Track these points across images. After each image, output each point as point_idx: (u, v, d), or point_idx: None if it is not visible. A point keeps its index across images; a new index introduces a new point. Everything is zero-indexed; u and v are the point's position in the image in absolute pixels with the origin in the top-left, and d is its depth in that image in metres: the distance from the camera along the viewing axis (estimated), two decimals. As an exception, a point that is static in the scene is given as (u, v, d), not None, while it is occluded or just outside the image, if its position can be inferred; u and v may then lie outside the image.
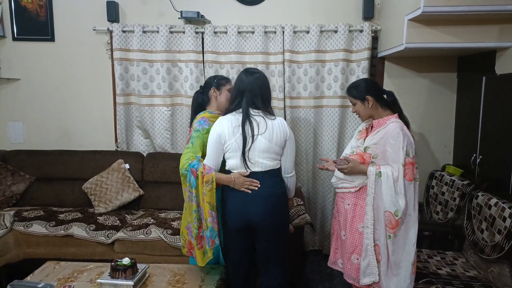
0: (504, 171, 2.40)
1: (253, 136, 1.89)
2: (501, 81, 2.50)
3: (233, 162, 1.96)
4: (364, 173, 1.99)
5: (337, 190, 2.18)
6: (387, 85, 3.15)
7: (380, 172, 1.93)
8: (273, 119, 1.96)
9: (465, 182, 2.61)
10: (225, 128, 1.93)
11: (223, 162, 2.04)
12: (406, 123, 2.03)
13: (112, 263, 1.87)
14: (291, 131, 2.01)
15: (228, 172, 2.01)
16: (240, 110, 1.94)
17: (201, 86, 2.39)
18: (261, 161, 1.93)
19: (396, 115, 2.04)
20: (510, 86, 2.35)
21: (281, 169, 2.04)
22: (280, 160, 2.01)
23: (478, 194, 2.38)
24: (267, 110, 1.99)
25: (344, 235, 2.11)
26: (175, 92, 3.28)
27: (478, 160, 2.73)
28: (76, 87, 3.41)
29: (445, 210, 2.74)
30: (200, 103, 2.34)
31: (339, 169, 2.07)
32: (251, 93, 1.94)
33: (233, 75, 3.17)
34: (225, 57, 3.17)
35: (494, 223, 2.15)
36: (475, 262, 2.32)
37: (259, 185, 1.93)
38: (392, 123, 1.97)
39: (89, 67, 3.37)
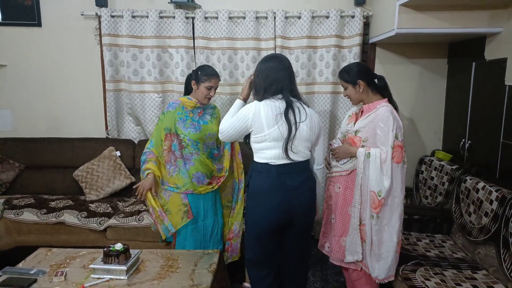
0: (492, 155, 2.44)
1: (296, 123, 1.80)
2: (490, 67, 2.52)
3: (273, 153, 1.83)
4: (354, 155, 2.01)
5: (328, 175, 2.20)
6: (378, 71, 3.15)
7: (369, 153, 1.95)
8: (308, 107, 1.93)
9: (454, 167, 2.65)
10: (262, 116, 1.79)
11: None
12: (396, 109, 2.05)
13: (105, 249, 1.87)
14: (318, 119, 2.00)
15: (264, 165, 1.86)
16: (279, 96, 1.84)
17: (192, 71, 2.42)
18: (302, 150, 1.87)
19: (386, 100, 2.05)
20: (498, 71, 2.38)
21: (312, 160, 2.00)
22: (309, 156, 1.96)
23: (467, 178, 2.42)
24: (300, 97, 1.94)
25: (334, 218, 2.13)
26: (166, 78, 3.25)
27: (467, 145, 2.77)
28: (64, 73, 3.36)
29: (434, 194, 2.78)
30: (189, 87, 2.41)
31: (332, 153, 2.11)
32: (289, 80, 1.87)
33: (224, 61, 3.16)
34: (216, 43, 3.14)
35: (481, 206, 2.19)
36: (462, 244, 2.37)
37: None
38: (382, 107, 1.99)
39: (77, 53, 3.31)
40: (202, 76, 2.29)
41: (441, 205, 2.68)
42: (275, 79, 1.86)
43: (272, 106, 1.82)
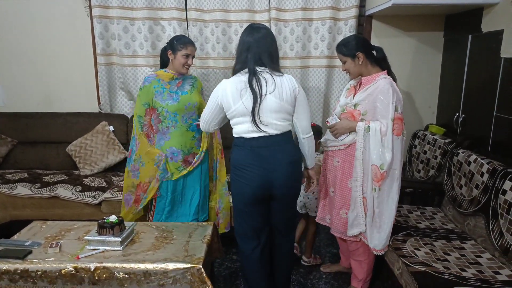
0: (485, 129, 2.45)
1: (261, 95, 1.74)
2: (486, 39, 2.49)
3: (244, 127, 1.80)
4: (354, 129, 2.01)
5: (325, 149, 2.20)
6: (374, 43, 3.11)
7: (368, 127, 1.95)
8: (281, 75, 1.81)
9: (447, 141, 2.66)
10: (228, 92, 1.78)
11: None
12: (394, 80, 2.03)
13: (99, 221, 1.88)
14: (300, 86, 1.87)
15: (239, 138, 1.85)
16: (246, 70, 1.79)
17: (167, 43, 2.40)
18: (274, 122, 1.79)
19: (385, 72, 2.02)
20: (495, 43, 2.35)
21: (297, 130, 1.91)
22: (291, 122, 1.88)
23: (459, 151, 2.44)
24: (274, 67, 1.82)
25: (333, 192, 2.15)
26: (159, 52, 3.15)
27: (460, 119, 2.78)
28: (54, 47, 3.28)
29: (427, 168, 2.81)
30: (164, 59, 2.39)
31: (330, 131, 2.11)
32: (257, 49, 1.78)
33: (218, 34, 3.10)
34: (209, 15, 3.07)
35: (473, 178, 2.22)
36: (453, 216, 2.41)
37: None
38: (381, 79, 1.97)
39: (67, 25, 3.23)
40: (178, 45, 2.28)
41: (433, 178, 2.71)
42: (243, 51, 1.81)
43: (237, 82, 1.79)
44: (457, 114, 2.82)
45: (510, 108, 2.23)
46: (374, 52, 2.07)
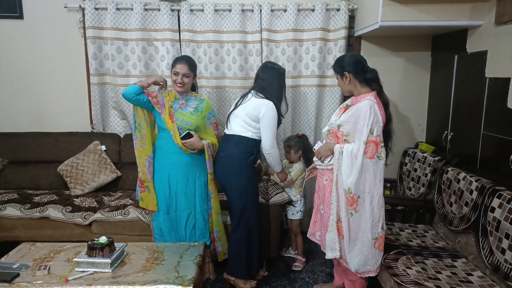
0: (473, 146, 2.49)
1: (236, 104, 2.41)
2: (471, 59, 2.56)
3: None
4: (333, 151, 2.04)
5: (318, 167, 2.21)
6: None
7: (342, 151, 1.97)
8: (259, 97, 2.32)
9: (436, 158, 2.70)
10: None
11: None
12: (385, 103, 2.05)
13: (89, 242, 1.87)
14: (270, 112, 2.27)
15: None
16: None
17: None
18: (232, 126, 2.38)
19: (373, 93, 2.03)
20: (479, 63, 2.42)
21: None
22: (253, 133, 2.33)
23: (448, 169, 2.47)
24: (268, 95, 2.32)
25: (322, 209, 2.16)
26: (152, 71, 3.22)
27: (449, 137, 2.82)
28: (48, 67, 3.30)
29: (417, 185, 2.83)
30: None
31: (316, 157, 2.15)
32: (258, 80, 2.41)
33: (210, 54, 3.14)
34: (202, 36, 3.13)
35: (462, 196, 2.24)
36: (444, 233, 2.42)
37: None
38: (364, 101, 1.99)
39: (61, 46, 3.27)
40: (172, 64, 2.44)
41: (423, 195, 2.73)
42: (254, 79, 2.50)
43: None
44: (446, 132, 2.87)
45: (497, 126, 2.28)
46: (366, 73, 2.06)
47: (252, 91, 2.40)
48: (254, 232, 2.37)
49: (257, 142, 2.37)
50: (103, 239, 1.87)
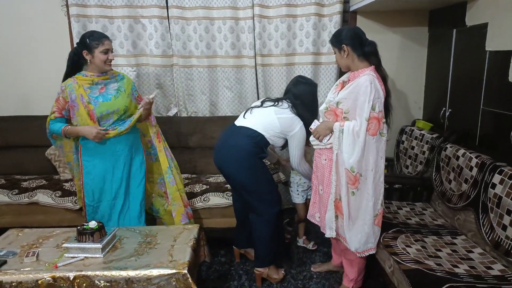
0: (472, 123, 2.44)
1: (263, 101, 2.29)
2: (470, 33, 2.48)
3: None
4: (332, 129, 1.96)
5: (315, 147, 2.14)
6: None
7: (343, 128, 1.90)
8: (294, 113, 2.20)
9: (434, 136, 2.64)
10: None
11: None
12: (384, 78, 1.96)
13: (78, 227, 1.79)
14: (301, 133, 2.20)
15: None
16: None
17: (77, 43, 2.24)
18: (252, 120, 2.21)
19: (372, 67, 1.94)
20: (479, 37, 2.34)
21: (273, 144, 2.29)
22: (270, 135, 2.19)
23: (447, 146, 2.42)
24: (301, 112, 2.20)
25: (321, 190, 2.10)
26: (140, 51, 3.10)
27: (447, 114, 2.76)
28: (30, 47, 3.16)
29: (415, 163, 2.79)
30: (76, 62, 2.19)
31: (313, 136, 2.07)
32: (289, 94, 2.29)
33: (200, 32, 3.02)
34: (191, 13, 3.00)
35: (462, 173, 2.20)
36: (442, 211, 2.39)
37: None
38: (363, 76, 1.90)
39: (43, 25, 3.12)
40: (92, 42, 2.11)
41: (421, 173, 2.69)
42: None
43: None
44: (444, 108, 2.81)
45: (497, 101, 2.22)
46: (364, 46, 1.96)
47: (287, 102, 2.24)
48: (278, 216, 2.29)
49: (267, 144, 2.23)
50: (92, 224, 1.80)
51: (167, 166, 2.37)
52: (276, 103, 2.23)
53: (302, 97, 2.23)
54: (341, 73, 3.11)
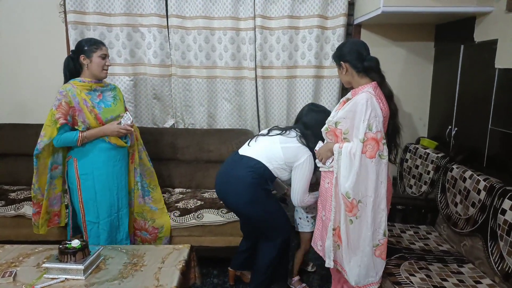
0: (480, 142, 2.33)
1: (270, 130, 2.20)
2: (479, 49, 2.39)
3: None
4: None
5: (320, 169, 2.01)
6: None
7: (341, 150, 1.79)
8: (301, 143, 2.06)
9: (439, 155, 2.53)
10: None
11: None
12: (388, 95, 1.84)
13: (60, 246, 1.69)
14: (308, 165, 2.04)
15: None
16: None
17: (72, 50, 2.19)
18: (256, 149, 2.10)
19: (373, 84, 1.81)
20: (488, 53, 2.25)
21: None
22: (274, 167, 2.07)
23: (453, 166, 2.31)
24: (310, 143, 2.06)
25: (324, 216, 1.97)
26: (138, 60, 3.02)
27: (453, 132, 2.66)
28: (26, 54, 3.10)
29: (419, 183, 2.67)
30: (72, 69, 2.14)
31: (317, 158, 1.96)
32: (300, 123, 2.19)
33: (200, 42, 2.95)
34: (191, 22, 2.93)
35: (469, 196, 2.08)
36: (448, 236, 2.27)
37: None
38: (361, 94, 1.77)
39: (40, 31, 3.05)
40: (91, 47, 2.09)
41: (425, 194, 2.58)
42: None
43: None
44: (450, 127, 2.70)
45: (506, 121, 2.11)
46: (364, 62, 1.84)
47: (295, 131, 2.13)
48: (287, 242, 2.19)
49: (272, 176, 2.09)
50: (75, 243, 1.69)
51: (132, 188, 2.34)
52: (284, 131, 2.12)
53: (313, 127, 2.06)
54: (343, 87, 3.04)
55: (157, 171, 2.72)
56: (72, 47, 2.91)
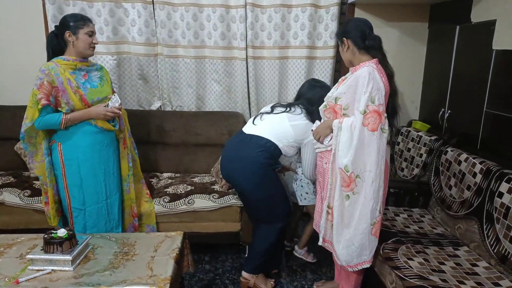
0: (474, 125, 2.31)
1: (273, 107, 2.16)
2: (476, 30, 2.35)
3: None
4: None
5: (316, 151, 1.97)
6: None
7: (341, 126, 1.74)
8: (308, 120, 2.04)
9: (432, 138, 2.52)
10: None
11: None
12: (389, 74, 1.78)
13: (45, 236, 1.58)
14: (312, 138, 1.95)
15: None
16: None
17: (55, 26, 2.01)
18: (262, 127, 2.06)
19: (375, 60, 1.77)
20: (485, 35, 2.21)
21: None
22: (283, 145, 2.05)
23: (448, 149, 2.29)
24: (315, 119, 2.00)
25: (322, 196, 1.93)
26: (121, 38, 2.86)
27: (446, 115, 2.64)
28: (1, 31, 2.88)
29: (411, 166, 2.66)
30: (55, 46, 1.98)
31: (314, 138, 1.90)
32: (302, 99, 2.16)
33: (188, 19, 2.80)
34: (178, -2, 2.77)
35: (464, 179, 2.07)
36: (441, 219, 2.26)
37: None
38: (363, 68, 1.73)
39: (15, 7, 2.83)
40: (77, 23, 1.93)
41: (417, 177, 2.56)
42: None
43: None
44: (443, 109, 2.68)
45: (502, 104, 2.09)
46: (366, 40, 1.80)
47: (300, 107, 2.09)
48: (286, 227, 2.18)
49: (279, 154, 2.08)
50: (62, 232, 1.59)
51: (127, 174, 2.22)
52: (288, 109, 2.08)
53: (318, 103, 1.99)
54: (336, 69, 2.97)
55: (144, 155, 2.62)
56: (51, 23, 2.74)
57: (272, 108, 2.14)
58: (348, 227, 1.78)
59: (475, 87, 2.32)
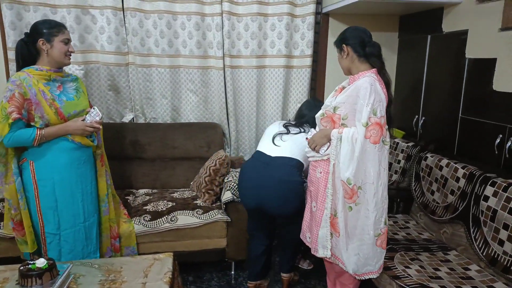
0: (449, 131, 2.39)
1: (287, 126, 2.18)
2: (448, 39, 2.44)
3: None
4: (330, 137, 1.76)
5: (310, 159, 1.92)
6: (331, 43, 2.94)
7: (341, 136, 1.72)
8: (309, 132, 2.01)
9: (410, 144, 2.58)
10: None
11: None
12: (387, 82, 1.80)
13: (21, 267, 1.40)
14: None
15: None
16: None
17: (26, 33, 1.85)
18: (287, 148, 2.06)
19: (374, 70, 1.77)
20: (458, 44, 2.30)
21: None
22: (300, 160, 2.05)
23: (427, 155, 2.35)
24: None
25: (315, 207, 1.88)
26: (88, 47, 2.68)
27: (421, 122, 2.72)
28: None
29: (389, 173, 2.70)
30: (26, 55, 1.82)
31: (310, 146, 1.86)
32: (305, 119, 2.21)
33: (161, 27, 2.69)
34: (150, 5, 2.65)
35: (446, 184, 2.12)
36: (425, 223, 2.31)
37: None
38: (363, 78, 1.73)
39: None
40: (51, 30, 1.79)
41: (397, 183, 2.61)
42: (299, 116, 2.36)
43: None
44: (417, 116, 2.76)
45: (478, 109, 2.18)
46: (366, 47, 1.79)
47: (308, 126, 2.14)
48: None
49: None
50: (40, 262, 1.42)
51: (105, 194, 2.06)
52: (303, 130, 2.14)
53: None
54: (313, 78, 2.97)
55: (117, 171, 2.47)
56: (8, 30, 2.52)
57: (286, 127, 2.16)
58: (352, 237, 1.76)
59: (450, 94, 2.40)
